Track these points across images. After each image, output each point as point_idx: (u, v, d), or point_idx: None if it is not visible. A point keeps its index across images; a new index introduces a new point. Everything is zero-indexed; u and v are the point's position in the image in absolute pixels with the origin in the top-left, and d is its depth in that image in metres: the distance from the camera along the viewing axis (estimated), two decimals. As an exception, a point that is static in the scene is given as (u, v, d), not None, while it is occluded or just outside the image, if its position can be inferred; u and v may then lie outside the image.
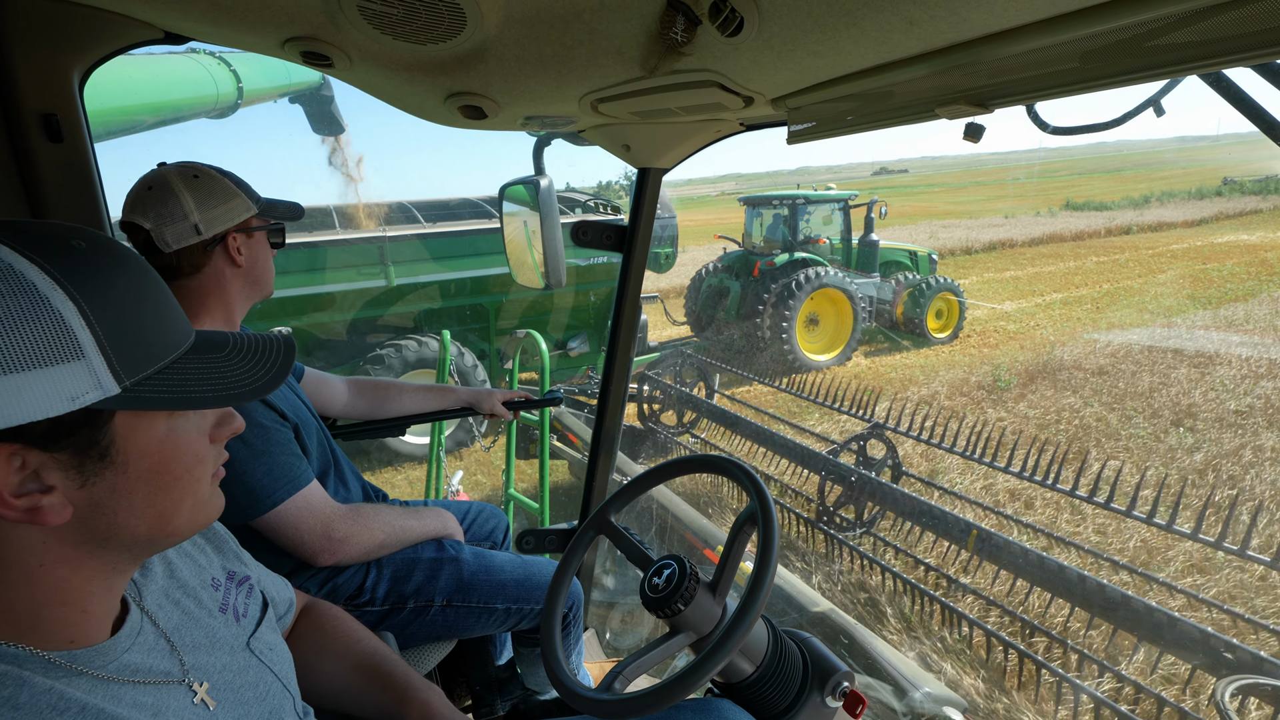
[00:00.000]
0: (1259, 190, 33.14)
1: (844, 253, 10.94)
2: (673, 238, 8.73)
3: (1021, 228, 27.13)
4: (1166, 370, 8.74)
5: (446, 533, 1.43)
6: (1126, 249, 21.15)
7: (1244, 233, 22.54)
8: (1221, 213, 28.27)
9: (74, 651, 0.55)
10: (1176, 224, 26.70)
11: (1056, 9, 0.60)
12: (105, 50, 1.12)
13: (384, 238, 7.09)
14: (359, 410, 1.66)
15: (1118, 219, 27.98)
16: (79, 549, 0.54)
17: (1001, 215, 33.16)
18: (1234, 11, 0.54)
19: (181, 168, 1.15)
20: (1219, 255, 18.39)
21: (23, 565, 0.52)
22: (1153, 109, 0.98)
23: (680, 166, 1.60)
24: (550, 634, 0.99)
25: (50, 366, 0.46)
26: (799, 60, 0.81)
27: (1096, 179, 57.33)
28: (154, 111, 5.46)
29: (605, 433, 1.94)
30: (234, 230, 1.19)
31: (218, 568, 0.76)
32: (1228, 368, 8.61)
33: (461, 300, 7.53)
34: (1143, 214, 29.58)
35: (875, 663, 2.74)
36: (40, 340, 0.46)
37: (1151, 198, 36.00)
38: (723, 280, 10.86)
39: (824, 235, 10.81)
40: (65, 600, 0.55)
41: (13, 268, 0.47)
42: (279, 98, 7.76)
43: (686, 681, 0.80)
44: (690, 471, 1.09)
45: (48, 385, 0.46)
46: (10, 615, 0.52)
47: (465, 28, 0.81)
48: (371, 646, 0.94)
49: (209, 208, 1.14)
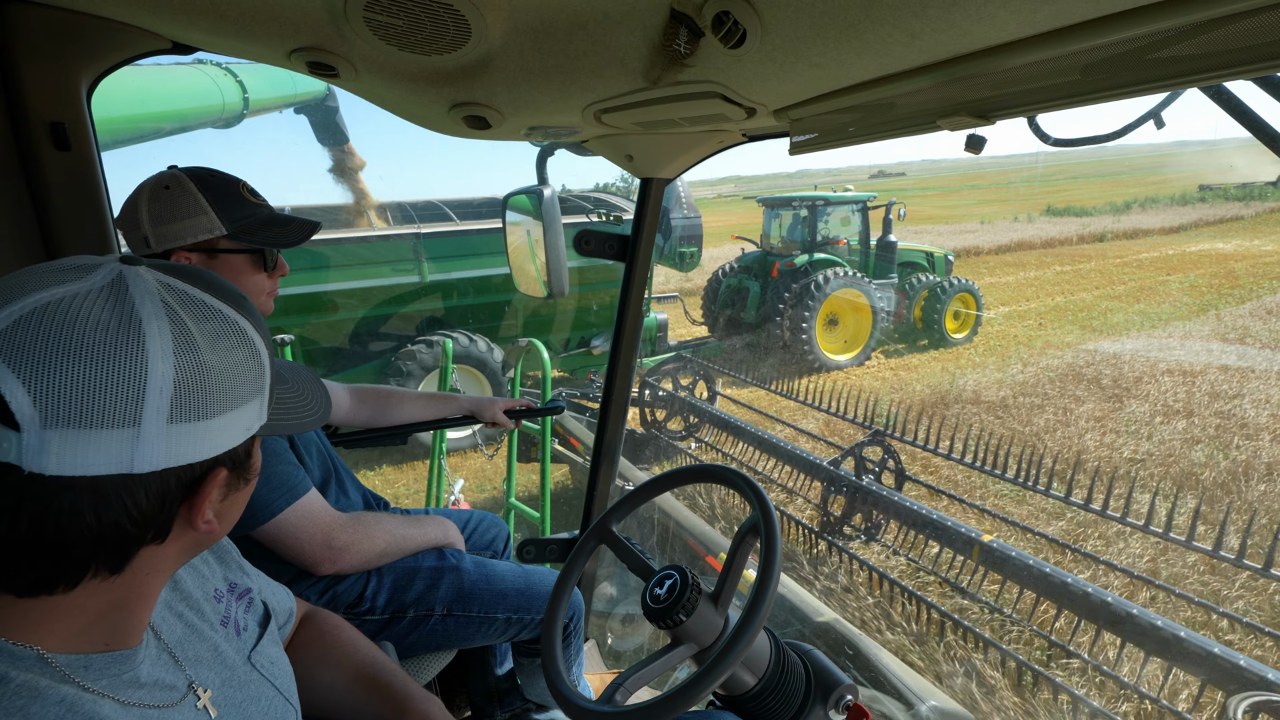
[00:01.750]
0: (1242, 196, 32.61)
1: (862, 254, 11.01)
2: (698, 237, 8.82)
3: (993, 234, 26.65)
4: (1070, 406, 7.88)
5: (447, 541, 1.42)
6: (1094, 258, 20.64)
7: (1220, 240, 22.20)
8: (1201, 219, 27.89)
9: (92, 656, 0.55)
10: (1154, 231, 26.25)
11: (1057, 22, 0.60)
12: (113, 60, 1.13)
13: (419, 234, 7.22)
14: (360, 418, 1.66)
15: (1093, 225, 27.46)
16: (183, 556, 0.58)
17: (978, 221, 32.49)
18: (1234, 25, 0.55)
19: (164, 176, 1.14)
20: (1187, 265, 18.02)
21: (139, 571, 0.54)
22: (1153, 121, 0.99)
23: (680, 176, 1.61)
24: (551, 644, 0.99)
25: (250, 402, 0.55)
26: (801, 72, 0.82)
27: (1092, 183, 56.44)
28: (160, 121, 5.51)
29: (607, 441, 1.93)
30: (184, 249, 1.14)
31: (220, 579, 0.75)
32: (1141, 403, 7.86)
33: (491, 297, 7.66)
34: (1120, 220, 29.12)
35: (880, 675, 2.72)
36: (252, 381, 0.55)
37: (1134, 203, 35.51)
38: (742, 281, 10.94)
39: (843, 236, 10.90)
40: (133, 606, 0.56)
41: (238, 324, 0.54)
42: (284, 108, 7.83)
43: (688, 694, 0.79)
44: (692, 482, 1.09)
45: (246, 418, 0.55)
46: (81, 615, 0.53)
47: (470, 39, 0.82)
48: (371, 656, 0.94)
49: (162, 223, 1.12)
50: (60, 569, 0.49)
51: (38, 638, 0.52)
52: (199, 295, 0.53)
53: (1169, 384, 8.53)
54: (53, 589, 0.50)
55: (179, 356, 0.49)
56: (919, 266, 11.50)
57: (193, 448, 0.50)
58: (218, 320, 0.53)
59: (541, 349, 4.09)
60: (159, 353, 0.48)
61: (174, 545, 0.55)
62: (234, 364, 0.53)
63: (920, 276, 11.19)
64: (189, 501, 0.53)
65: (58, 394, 0.44)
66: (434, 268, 7.25)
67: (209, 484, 0.53)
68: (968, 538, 3.87)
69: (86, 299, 0.47)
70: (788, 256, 10.43)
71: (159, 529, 0.52)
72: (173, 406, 0.48)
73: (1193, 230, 26.12)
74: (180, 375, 0.49)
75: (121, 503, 0.48)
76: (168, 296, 0.51)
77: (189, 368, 0.49)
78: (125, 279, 0.50)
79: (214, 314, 0.53)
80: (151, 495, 0.50)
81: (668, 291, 11.68)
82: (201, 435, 0.51)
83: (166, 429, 0.48)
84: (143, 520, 0.50)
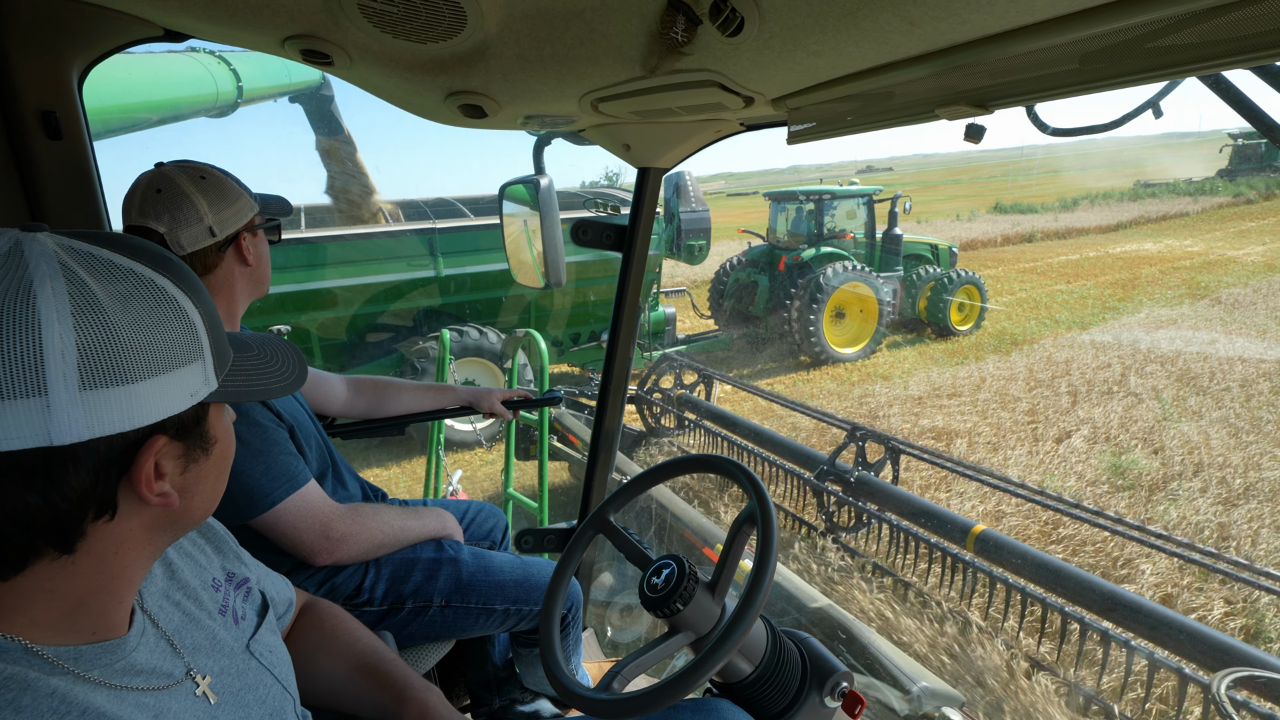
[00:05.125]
0: (1194, 191, 31.37)
1: (868, 247, 11.02)
2: (706, 231, 8.82)
3: (926, 233, 24.96)
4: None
5: (446, 533, 1.43)
6: (1005, 262, 18.96)
7: (1151, 241, 20.87)
8: (1143, 216, 26.52)
9: (82, 648, 0.54)
10: (1090, 229, 24.77)
11: (1056, 10, 0.60)
12: (105, 47, 1.12)
13: (434, 230, 7.25)
14: (358, 409, 1.66)
15: (1028, 224, 25.78)
16: (150, 535, 0.57)
17: (915, 220, 29.80)
18: (1233, 14, 0.55)
19: (185, 168, 1.15)
20: (1096, 270, 16.57)
21: (101, 552, 0.53)
22: (1151, 110, 0.99)
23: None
24: (549, 634, 0.99)
25: (185, 366, 0.53)
26: (799, 60, 0.81)
27: (1064, 177, 53.60)
28: (153, 110, 5.46)
29: (605, 432, 1.94)
30: (243, 230, 1.20)
31: (218, 568, 0.75)
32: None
33: (505, 291, 7.70)
34: (1059, 219, 27.38)
35: (874, 661, 2.75)
36: (180, 343, 0.52)
37: (1083, 200, 33.83)
38: (750, 275, 10.94)
39: (849, 230, 10.90)
40: (113, 589, 0.56)
41: (154, 281, 0.52)
42: (279, 97, 7.76)
43: (685, 681, 0.80)
44: (689, 471, 1.09)
45: (181, 383, 0.53)
46: (55, 601, 0.53)
47: (466, 26, 0.81)
48: (370, 646, 0.94)
49: (221, 209, 1.15)
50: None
51: (17, 627, 0.51)
52: (107, 256, 0.51)
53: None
54: (2, 573, 0.50)
55: (78, 318, 0.47)
56: (924, 259, 11.51)
57: (117, 415, 0.48)
58: (129, 280, 0.51)
59: (539, 339, 4.09)
60: (53, 315, 0.46)
61: (131, 522, 0.54)
62: (153, 325, 0.50)
63: (925, 269, 11.20)
64: (128, 473, 0.51)
65: None
66: (448, 262, 7.29)
67: (146, 453, 0.51)
68: (963, 525, 3.91)
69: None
70: (794, 250, 10.42)
71: (101, 504, 0.51)
72: (81, 371, 0.46)
73: (1131, 229, 24.84)
74: (83, 338, 0.46)
75: (48, 478, 0.47)
76: (67, 258, 0.49)
77: (93, 329, 0.47)
78: (21, 245, 0.48)
79: (124, 274, 0.51)
80: (82, 469, 0.48)
81: (675, 286, 11.63)
82: (124, 401, 0.48)
83: (80, 396, 0.46)
84: (76, 496, 0.49)
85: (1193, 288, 13.88)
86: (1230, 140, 31.51)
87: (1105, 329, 11.33)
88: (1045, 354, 9.80)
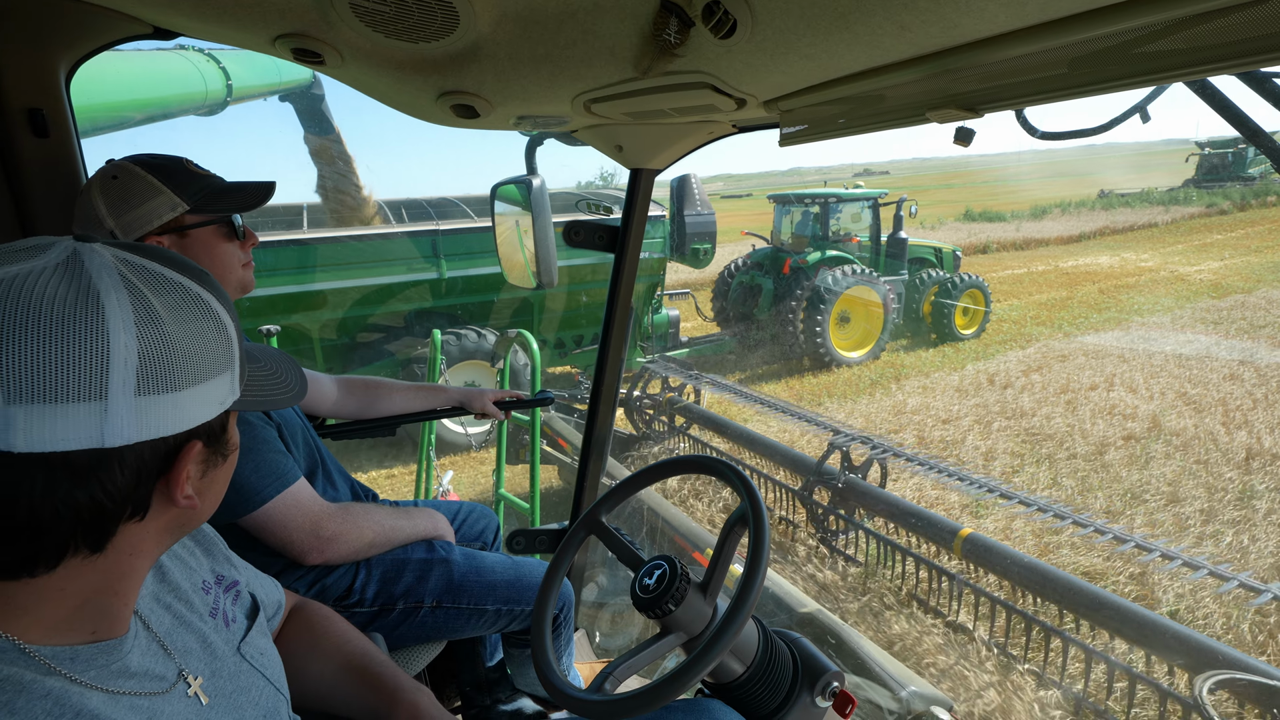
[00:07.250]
0: (1166, 201, 29.32)
1: (873, 251, 11.00)
2: (712, 234, 8.81)
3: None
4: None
5: (437, 533, 1.42)
6: None
7: (1108, 254, 19.41)
8: (1108, 227, 25.02)
9: (79, 647, 0.54)
10: (1051, 240, 23.46)
11: (1046, 15, 0.60)
12: (93, 45, 1.11)
13: (437, 231, 7.23)
14: (348, 409, 1.65)
15: (986, 234, 24.39)
16: (163, 536, 0.58)
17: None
18: (1220, 20, 0.55)
19: (106, 169, 1.09)
20: (1037, 287, 15.32)
21: (119, 551, 0.54)
22: (1139, 115, 1.00)
23: (670, 167, 1.60)
24: (541, 635, 0.99)
25: (220, 375, 0.55)
26: (791, 63, 0.82)
27: (1055, 183, 50.77)
28: (141, 108, 5.41)
29: (596, 434, 1.93)
30: (153, 234, 1.10)
31: (207, 571, 0.75)
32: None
33: (506, 294, 7.69)
34: (1022, 228, 25.88)
35: (864, 662, 2.76)
36: (218, 354, 0.55)
37: (1052, 208, 31.98)
38: (754, 278, 10.88)
39: (854, 233, 10.88)
40: (120, 589, 0.56)
41: (200, 296, 0.55)
42: (269, 95, 7.72)
43: (677, 682, 0.80)
44: (682, 472, 1.09)
45: (216, 391, 0.55)
46: (66, 600, 0.53)
47: (458, 26, 0.81)
48: (361, 647, 0.94)
49: (122, 212, 1.07)
50: (38, 549, 0.49)
51: (20, 627, 0.51)
52: (158, 269, 0.54)
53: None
54: (33, 570, 0.50)
55: (141, 328, 0.49)
56: (928, 262, 11.49)
57: (164, 420, 0.51)
58: (179, 293, 0.53)
59: (531, 339, 4.08)
60: (120, 324, 0.48)
61: (155, 523, 0.56)
62: (198, 336, 0.53)
63: (929, 272, 11.17)
64: (166, 476, 0.53)
65: (19, 369, 0.44)
66: (449, 265, 7.28)
67: (184, 457, 0.54)
68: (950, 529, 3.93)
69: (41, 275, 0.47)
70: (799, 253, 10.38)
71: (137, 505, 0.53)
72: (139, 378, 0.49)
73: (1093, 240, 23.37)
74: (144, 347, 0.49)
75: (97, 478, 0.49)
76: (125, 270, 0.51)
77: (152, 339, 0.50)
78: (80, 255, 0.50)
79: (175, 287, 0.54)
80: (127, 470, 0.50)
81: (679, 288, 11.53)
82: (172, 408, 0.51)
83: (135, 401, 0.49)
84: (120, 496, 0.50)
85: (1122, 312, 12.42)
86: (1197, 149, 30.74)
87: (984, 366, 9.52)
88: (870, 411, 7.84)
